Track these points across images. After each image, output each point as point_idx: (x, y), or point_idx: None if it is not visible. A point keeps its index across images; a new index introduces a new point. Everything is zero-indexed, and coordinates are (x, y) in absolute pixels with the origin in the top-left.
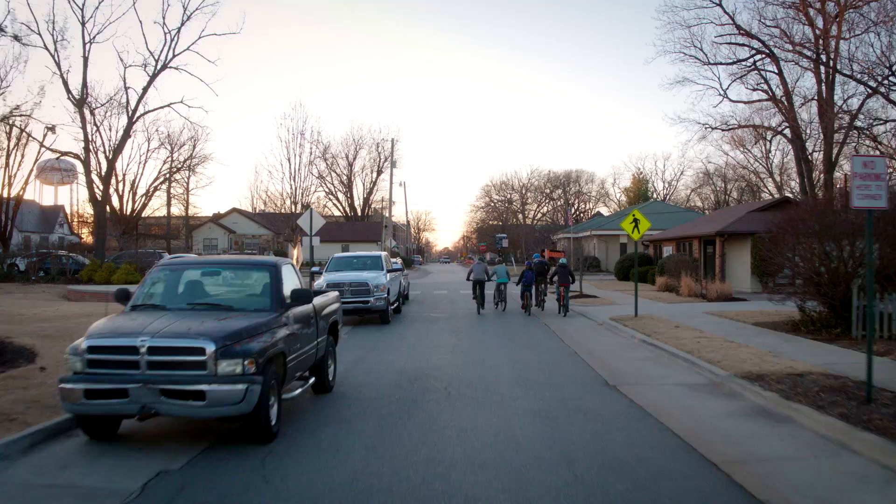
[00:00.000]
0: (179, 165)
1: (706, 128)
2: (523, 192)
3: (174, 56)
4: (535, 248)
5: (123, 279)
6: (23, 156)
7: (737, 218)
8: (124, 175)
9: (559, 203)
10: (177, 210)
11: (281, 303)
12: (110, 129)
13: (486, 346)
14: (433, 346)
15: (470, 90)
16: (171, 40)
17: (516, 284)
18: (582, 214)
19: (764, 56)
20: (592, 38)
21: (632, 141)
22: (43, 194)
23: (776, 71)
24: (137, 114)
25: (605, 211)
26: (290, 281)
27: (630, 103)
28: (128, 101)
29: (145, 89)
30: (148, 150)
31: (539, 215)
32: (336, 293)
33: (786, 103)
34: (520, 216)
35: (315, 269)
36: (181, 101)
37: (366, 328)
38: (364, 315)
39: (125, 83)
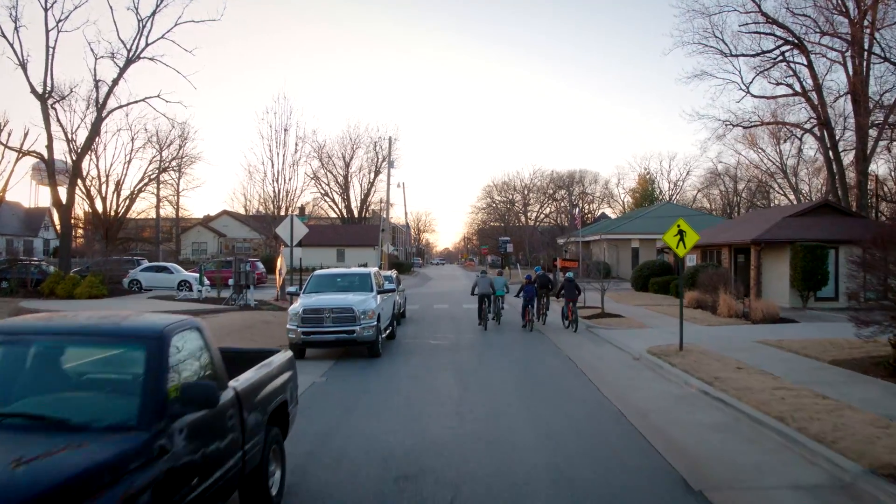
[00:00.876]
0: (166, 165)
1: (726, 125)
2: (526, 192)
3: (147, 45)
4: (539, 251)
5: (87, 293)
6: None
7: (772, 224)
8: (108, 175)
9: (562, 204)
10: (170, 212)
11: (158, 413)
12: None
13: (502, 401)
14: (433, 400)
15: (470, 89)
16: (144, 28)
17: (515, 296)
18: (588, 216)
19: (792, 47)
20: (595, 37)
21: (636, 140)
22: (38, 196)
23: (805, 63)
24: (107, 109)
25: (609, 212)
26: (193, 361)
27: (634, 102)
28: (97, 97)
29: (115, 81)
30: (132, 150)
31: (542, 216)
32: (288, 355)
33: (815, 98)
34: (522, 217)
35: (292, 289)
36: (158, 96)
37: (350, 364)
38: (350, 346)
39: (95, 76)
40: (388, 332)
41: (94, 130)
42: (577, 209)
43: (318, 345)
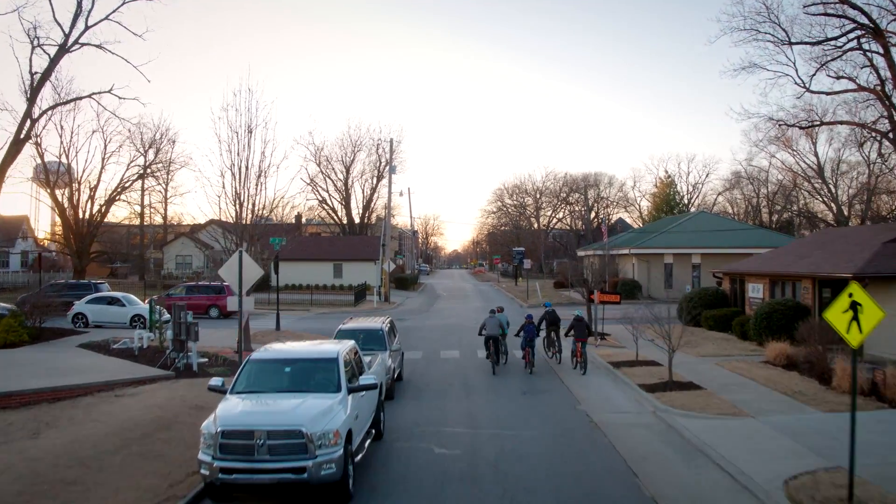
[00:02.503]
0: (143, 171)
1: (779, 124)
2: (538, 195)
3: (87, 28)
4: (553, 258)
5: (1, 339)
6: None
7: (874, 252)
8: (79, 182)
9: (576, 208)
10: (158, 220)
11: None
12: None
13: None
14: None
15: (479, 89)
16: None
17: (515, 335)
18: (606, 221)
19: (865, 33)
20: (607, 38)
21: (653, 141)
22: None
23: (881, 52)
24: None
25: (626, 217)
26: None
27: (650, 103)
28: (32, 90)
29: (46, 73)
30: (106, 154)
31: (555, 220)
32: None
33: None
34: (534, 221)
35: (216, 382)
36: (109, 91)
37: None
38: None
39: (31, 68)
40: (366, 442)
41: (18, 134)
42: (605, 223)
43: (247, 489)
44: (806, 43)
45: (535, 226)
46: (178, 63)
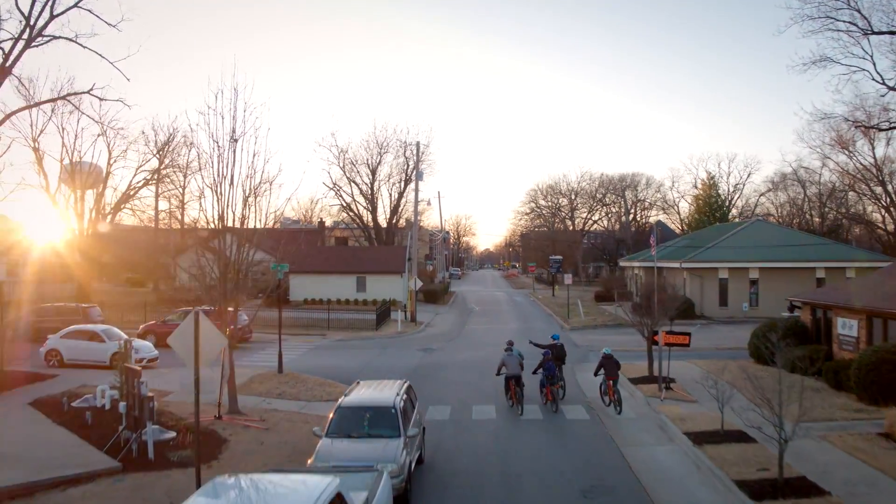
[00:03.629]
0: (149, 177)
1: (855, 125)
2: (572, 196)
3: (52, 17)
4: (591, 260)
5: None
6: None
7: None
8: (83, 189)
9: (613, 209)
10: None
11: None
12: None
13: None
14: None
15: (512, 90)
16: None
17: (532, 373)
18: (644, 224)
19: None
20: (641, 37)
21: (692, 140)
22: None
23: None
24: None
25: (665, 220)
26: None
27: (689, 101)
28: None
29: (6, 68)
30: (110, 158)
31: (590, 223)
32: None
33: None
34: (569, 223)
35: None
36: (89, 92)
37: None
38: None
39: None
40: None
41: None
42: (653, 234)
43: None
44: (887, 33)
45: (570, 227)
46: (182, 61)
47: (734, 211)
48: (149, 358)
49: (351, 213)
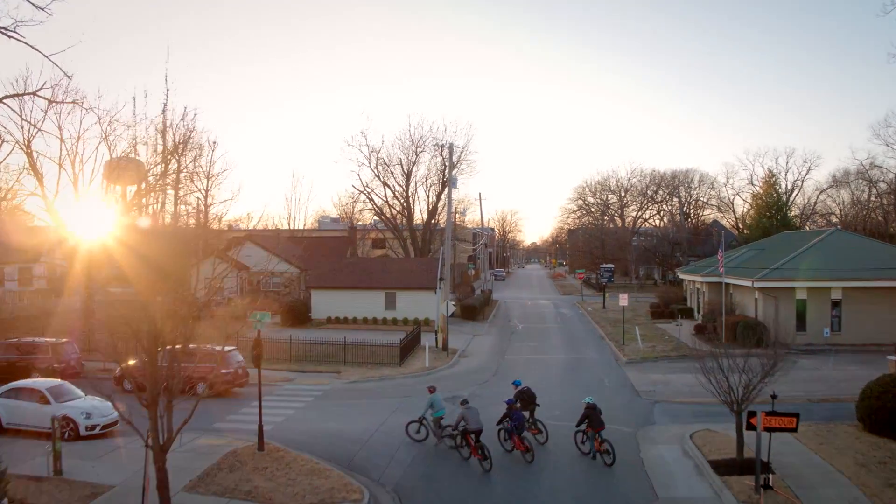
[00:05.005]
0: (154, 185)
1: None
2: (622, 193)
3: None
4: (643, 262)
5: None
6: None
7: None
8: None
9: (664, 207)
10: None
11: None
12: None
13: None
14: None
15: (561, 85)
16: None
17: (497, 424)
18: (700, 223)
19: None
20: (694, 31)
21: (747, 134)
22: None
23: None
24: None
25: (721, 219)
26: None
27: (745, 94)
28: None
29: None
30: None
31: (640, 221)
32: None
33: None
34: (618, 220)
35: None
36: (34, 93)
37: None
38: None
39: None
40: None
41: None
42: (721, 248)
43: None
44: None
45: (621, 223)
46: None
47: (794, 210)
48: (104, 424)
49: (384, 218)
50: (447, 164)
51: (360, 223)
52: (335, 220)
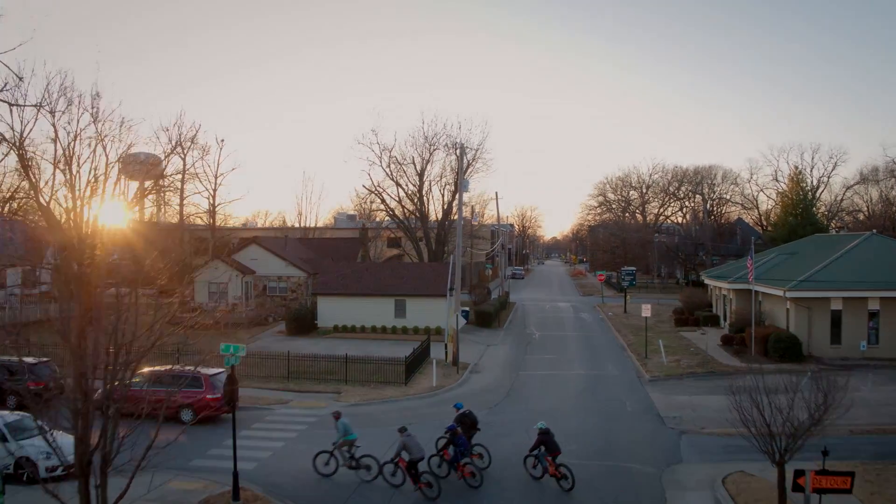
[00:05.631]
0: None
1: None
2: (643, 189)
3: None
4: (665, 261)
5: None
6: None
7: None
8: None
9: (687, 204)
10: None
11: None
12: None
13: None
14: None
15: (582, 79)
16: None
17: (438, 452)
18: (723, 217)
19: None
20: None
21: (771, 130)
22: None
23: None
24: None
25: (745, 218)
26: None
27: (769, 88)
28: None
29: None
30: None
31: (662, 218)
32: None
33: None
34: (639, 216)
35: None
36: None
37: None
38: None
39: None
40: None
41: None
42: (751, 255)
43: None
44: None
45: (643, 220)
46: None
47: (821, 208)
48: (67, 465)
49: (397, 219)
50: (462, 154)
51: (375, 220)
52: (351, 216)
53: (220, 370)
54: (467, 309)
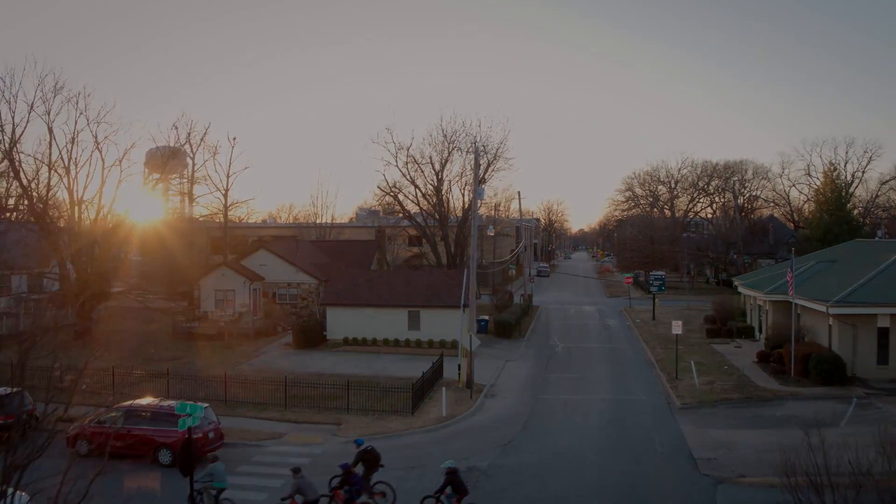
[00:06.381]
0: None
1: None
2: (672, 184)
3: None
4: (694, 257)
5: None
6: None
7: None
8: (78, 205)
9: (716, 199)
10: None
11: None
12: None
13: None
14: None
15: (611, 72)
16: None
17: (331, 490)
18: (752, 220)
19: None
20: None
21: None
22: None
23: None
24: None
25: (774, 211)
26: None
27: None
28: None
29: None
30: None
31: (691, 213)
32: None
33: None
34: (668, 211)
35: None
36: None
37: None
38: None
39: None
40: None
41: None
42: (791, 267)
43: None
44: None
45: (668, 213)
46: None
47: (857, 205)
48: None
49: (413, 221)
50: (484, 157)
51: (398, 217)
52: (374, 212)
53: (203, 405)
54: (486, 318)
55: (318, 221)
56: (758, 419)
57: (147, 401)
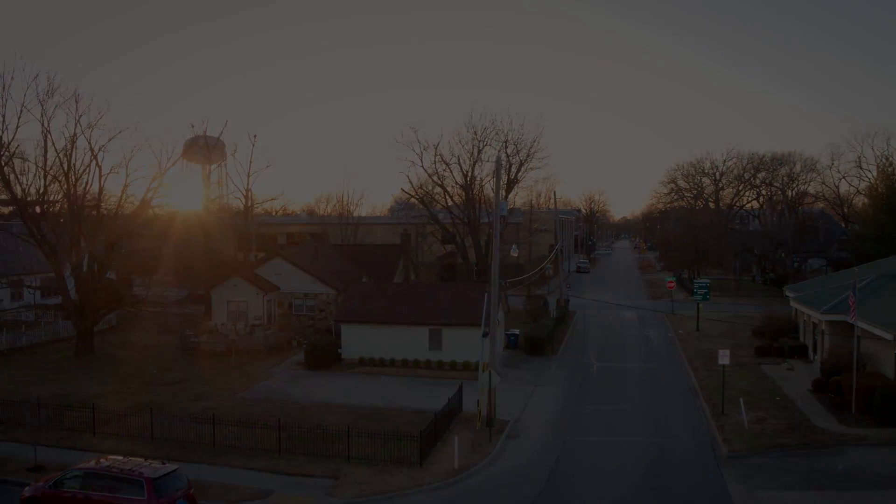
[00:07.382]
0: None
1: None
2: (717, 176)
3: None
4: (740, 253)
5: None
6: None
7: None
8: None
9: (763, 192)
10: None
11: None
12: None
13: None
14: None
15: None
16: None
17: None
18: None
19: None
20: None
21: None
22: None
23: None
24: None
25: (821, 203)
26: None
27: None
28: None
29: None
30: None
31: (737, 206)
32: None
33: None
34: (712, 205)
35: None
36: None
37: None
38: None
39: None
40: None
41: None
42: (853, 291)
43: None
44: None
45: (712, 206)
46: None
47: None
48: None
49: (440, 225)
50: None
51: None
52: (410, 205)
53: (171, 468)
54: (517, 332)
55: (351, 213)
56: (816, 474)
57: (110, 461)
